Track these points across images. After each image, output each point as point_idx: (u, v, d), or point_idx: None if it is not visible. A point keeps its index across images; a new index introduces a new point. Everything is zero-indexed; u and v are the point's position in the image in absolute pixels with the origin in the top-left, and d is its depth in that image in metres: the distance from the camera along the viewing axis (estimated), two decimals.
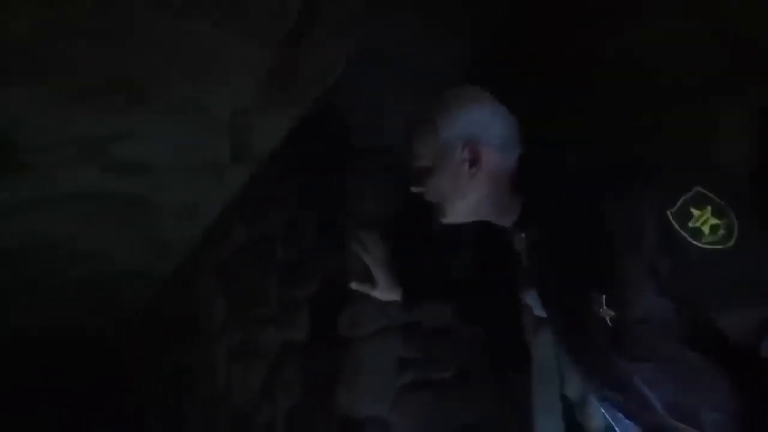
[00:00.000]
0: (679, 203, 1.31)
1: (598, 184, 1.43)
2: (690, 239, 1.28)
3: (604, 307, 1.41)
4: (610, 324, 1.39)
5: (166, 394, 4.49)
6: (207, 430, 3.74)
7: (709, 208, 1.30)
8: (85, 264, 3.22)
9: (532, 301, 1.93)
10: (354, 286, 2.10)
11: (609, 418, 1.63)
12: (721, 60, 2.28)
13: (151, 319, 4.48)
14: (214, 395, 3.65)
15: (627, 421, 1.53)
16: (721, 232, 1.28)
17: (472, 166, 1.60)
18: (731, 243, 1.27)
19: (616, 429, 1.61)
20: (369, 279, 2.15)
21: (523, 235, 1.68)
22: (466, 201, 1.65)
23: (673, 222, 1.30)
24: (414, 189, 1.70)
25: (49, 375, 4.80)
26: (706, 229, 1.29)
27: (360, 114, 2.61)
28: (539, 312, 1.90)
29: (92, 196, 2.82)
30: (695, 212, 1.30)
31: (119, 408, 5.05)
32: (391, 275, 2.16)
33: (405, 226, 2.45)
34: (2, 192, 2.73)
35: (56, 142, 2.67)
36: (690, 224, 1.30)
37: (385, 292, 2.15)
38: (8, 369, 4.54)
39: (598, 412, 2.07)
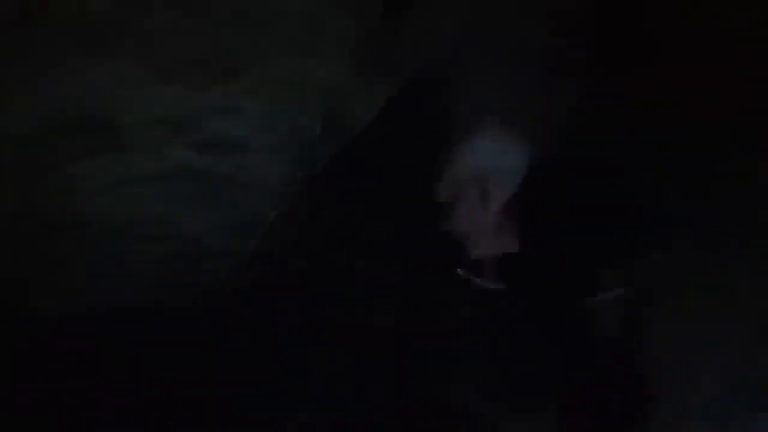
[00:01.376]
0: None
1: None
2: None
3: None
4: None
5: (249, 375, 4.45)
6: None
7: None
8: (171, 243, 3.19)
9: None
10: (460, 272, 2.00)
11: None
12: None
13: (237, 300, 4.45)
14: None
15: None
16: None
17: (485, 201, 1.53)
18: None
19: None
20: (474, 264, 2.06)
21: None
22: (486, 236, 1.59)
23: None
24: (442, 228, 1.66)
25: (131, 353, 4.83)
26: None
27: (460, 89, 2.49)
28: None
29: (180, 175, 2.77)
30: None
31: (200, 388, 5.05)
32: (497, 261, 2.06)
33: None
34: (92, 171, 2.68)
35: (145, 120, 2.61)
36: None
37: (490, 278, 2.06)
38: (91, 345, 4.59)
39: None
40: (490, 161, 1.55)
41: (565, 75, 2.04)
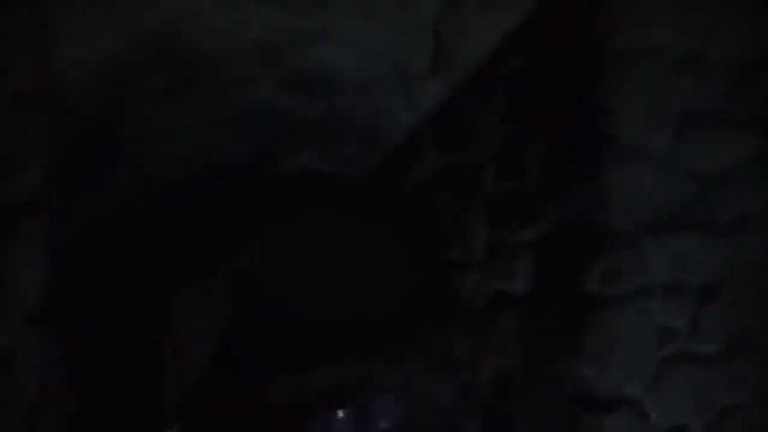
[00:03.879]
0: None
1: None
2: None
3: None
4: None
5: None
6: None
7: None
8: None
9: None
10: None
11: None
12: None
13: None
14: None
15: None
16: None
17: None
18: None
19: None
20: None
21: None
22: None
23: None
24: None
25: None
26: None
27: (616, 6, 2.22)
28: None
29: (265, 115, 2.40)
30: None
31: None
32: None
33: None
34: (170, 110, 2.39)
35: (229, 51, 2.33)
36: None
37: None
38: None
39: None
40: None
41: None
